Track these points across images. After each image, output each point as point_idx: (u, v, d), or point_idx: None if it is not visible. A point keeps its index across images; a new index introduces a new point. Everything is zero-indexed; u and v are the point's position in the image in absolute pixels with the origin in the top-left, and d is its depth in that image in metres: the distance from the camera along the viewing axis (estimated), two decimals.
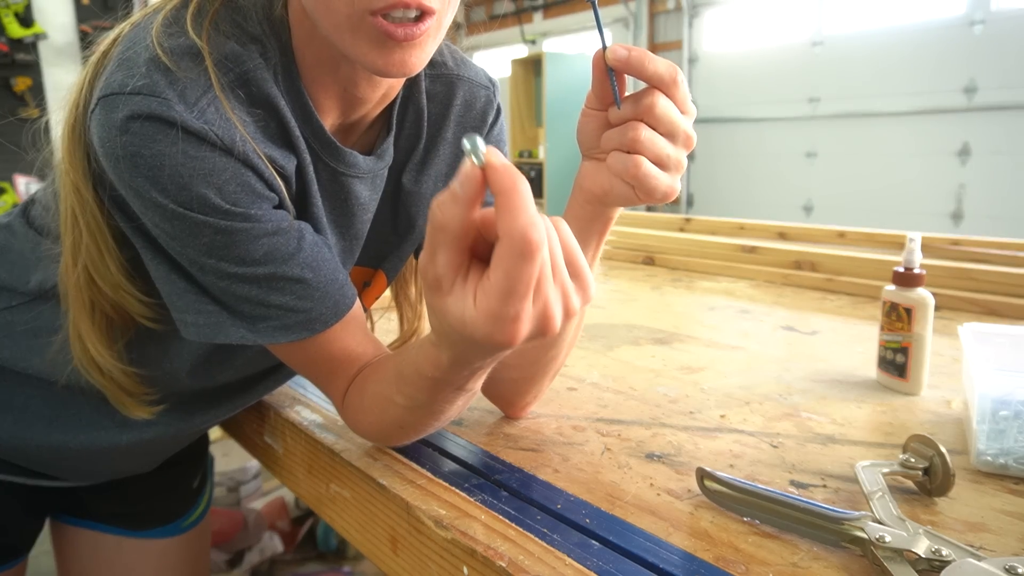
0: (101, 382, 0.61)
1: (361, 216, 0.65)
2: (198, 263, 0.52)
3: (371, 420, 0.60)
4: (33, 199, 0.68)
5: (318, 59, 0.56)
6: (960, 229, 4.69)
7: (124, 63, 0.49)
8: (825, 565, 0.46)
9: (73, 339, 0.59)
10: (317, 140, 0.58)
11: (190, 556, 0.91)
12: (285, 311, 0.54)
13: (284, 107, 0.55)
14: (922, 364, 0.76)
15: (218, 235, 0.50)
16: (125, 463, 0.75)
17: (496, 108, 0.72)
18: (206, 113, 0.49)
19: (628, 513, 0.53)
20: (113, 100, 0.48)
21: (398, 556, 0.59)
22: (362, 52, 0.49)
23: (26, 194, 3.33)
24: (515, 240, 0.35)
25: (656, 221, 2.02)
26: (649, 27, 6.61)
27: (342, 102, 0.59)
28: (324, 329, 0.56)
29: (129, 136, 0.48)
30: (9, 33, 3.46)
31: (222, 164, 0.50)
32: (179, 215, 0.49)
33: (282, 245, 0.53)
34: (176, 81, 0.49)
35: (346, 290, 0.58)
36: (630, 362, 0.90)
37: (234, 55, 0.52)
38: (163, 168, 0.48)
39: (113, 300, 0.58)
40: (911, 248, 0.77)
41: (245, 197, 0.51)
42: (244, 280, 0.53)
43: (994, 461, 0.58)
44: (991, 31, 4.44)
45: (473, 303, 0.38)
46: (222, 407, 0.73)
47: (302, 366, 0.60)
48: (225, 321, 0.54)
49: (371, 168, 0.63)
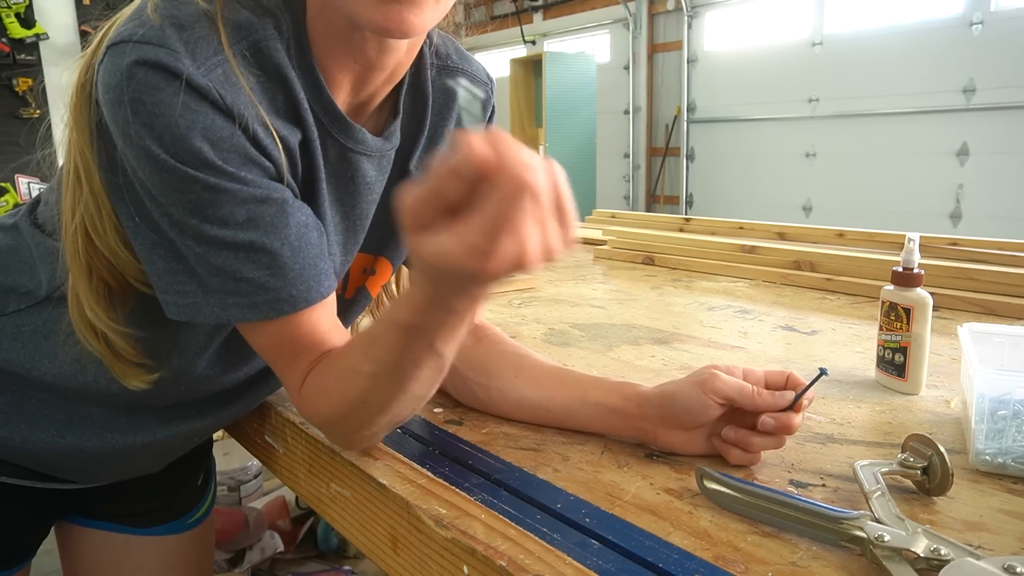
0: (98, 349, 0.60)
1: (366, 196, 0.65)
2: (179, 223, 0.52)
3: (332, 400, 0.56)
4: (39, 199, 0.68)
5: (330, 30, 0.56)
6: (959, 229, 4.70)
7: (137, 15, 0.50)
8: (824, 564, 0.46)
9: (72, 303, 0.59)
10: (327, 114, 0.59)
11: (196, 552, 0.91)
12: (255, 287, 0.53)
13: (294, 80, 0.55)
14: (921, 364, 0.77)
15: (205, 192, 0.50)
16: (136, 464, 0.76)
17: (492, 106, 0.73)
18: (212, 72, 0.50)
19: (628, 512, 0.54)
20: (122, 47, 0.49)
21: (398, 555, 0.59)
22: (362, 9, 0.49)
23: (27, 194, 3.33)
24: (508, 179, 0.36)
25: (656, 221, 2.02)
26: (649, 27, 6.62)
27: (353, 76, 0.60)
28: (292, 312, 0.55)
29: (133, 82, 0.48)
30: (10, 33, 3.47)
31: (220, 123, 0.50)
32: (170, 167, 0.49)
33: (267, 215, 0.53)
34: (188, 38, 0.49)
35: (323, 278, 0.57)
36: (630, 362, 0.90)
37: (248, 23, 0.53)
38: (161, 116, 0.48)
39: (110, 263, 0.58)
40: (910, 248, 0.77)
41: (238, 158, 0.51)
42: (222, 245, 0.52)
43: (993, 460, 0.59)
44: (990, 31, 4.44)
45: (457, 237, 0.38)
46: (232, 406, 0.73)
47: (264, 349, 0.58)
48: (200, 301, 0.54)
49: (379, 148, 0.64)
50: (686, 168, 6.45)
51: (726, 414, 0.61)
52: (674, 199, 6.62)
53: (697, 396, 0.60)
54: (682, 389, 0.61)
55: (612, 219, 2.20)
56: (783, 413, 0.58)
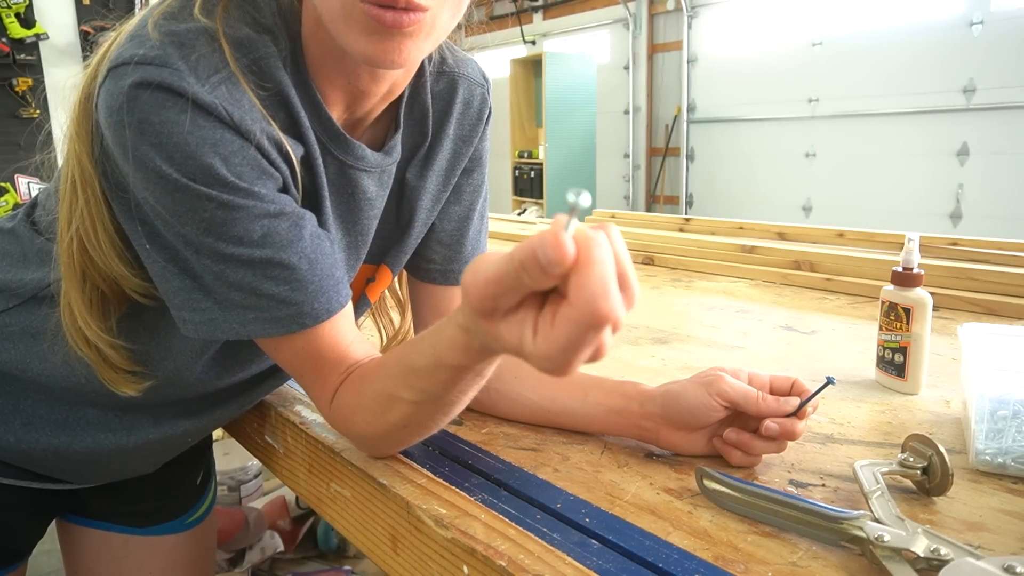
0: (88, 355, 0.60)
1: (368, 212, 0.65)
2: (194, 243, 0.51)
3: (369, 420, 0.57)
4: (36, 202, 0.68)
5: (324, 51, 0.56)
6: (959, 229, 4.70)
7: (136, 37, 0.50)
8: (824, 564, 0.46)
9: (64, 310, 0.58)
10: (326, 132, 0.58)
11: (196, 552, 0.91)
12: (276, 302, 0.53)
13: (294, 97, 0.55)
14: (921, 364, 0.77)
15: (219, 210, 0.50)
16: (131, 464, 0.75)
17: (489, 108, 0.73)
18: (217, 90, 0.49)
19: (628, 512, 0.54)
20: (123, 69, 0.48)
21: (398, 555, 0.59)
22: (353, 39, 0.49)
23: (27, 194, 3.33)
24: (584, 311, 0.36)
25: (656, 221, 2.02)
26: (649, 27, 6.62)
27: (347, 96, 0.59)
28: (314, 324, 0.55)
29: (137, 103, 0.47)
30: (10, 33, 3.46)
31: (229, 137, 0.50)
32: (182, 187, 0.49)
33: (282, 229, 0.53)
34: (189, 57, 0.49)
35: (341, 288, 0.57)
36: (630, 362, 0.90)
37: (249, 40, 0.53)
38: (170, 135, 0.48)
39: (105, 272, 0.57)
40: (910, 248, 0.77)
41: (250, 172, 0.51)
42: (239, 263, 0.52)
43: (992, 460, 0.59)
44: (990, 31, 4.44)
45: (532, 338, 0.39)
46: (227, 407, 0.73)
47: (289, 363, 0.59)
48: (218, 318, 0.54)
49: (379, 163, 0.63)
50: (686, 168, 6.45)
51: (728, 416, 0.61)
52: (674, 199, 6.62)
53: (702, 397, 0.60)
54: (687, 389, 0.61)
55: (612, 219, 2.20)
56: (787, 419, 0.58)
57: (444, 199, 0.72)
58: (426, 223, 0.72)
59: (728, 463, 0.61)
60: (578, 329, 0.36)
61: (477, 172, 0.73)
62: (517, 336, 0.39)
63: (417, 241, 0.73)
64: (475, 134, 0.71)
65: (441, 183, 0.71)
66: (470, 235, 0.74)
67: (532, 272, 0.36)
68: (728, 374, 0.61)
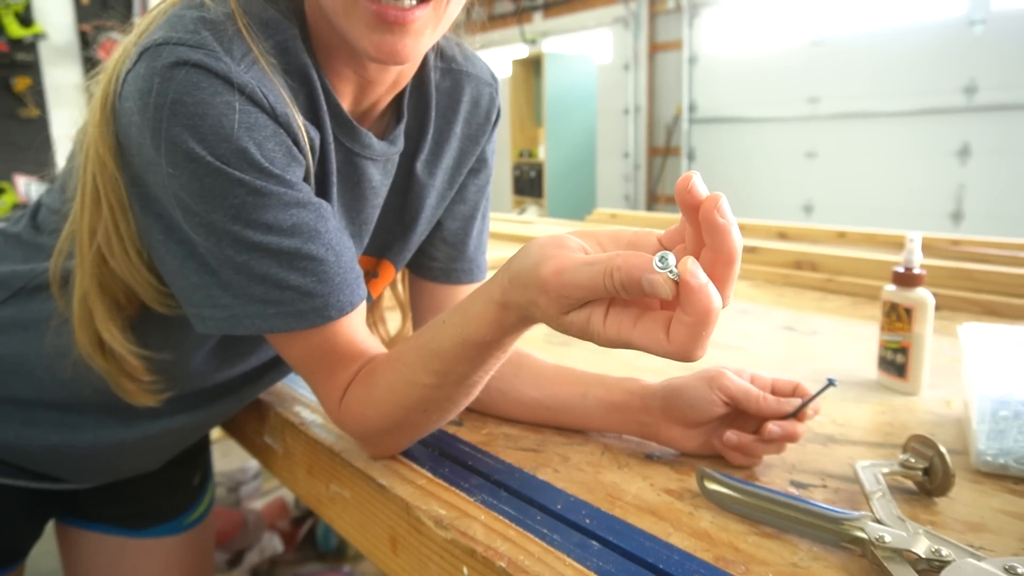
0: (104, 367, 0.59)
1: (372, 200, 0.65)
2: (219, 232, 0.50)
3: (384, 411, 0.56)
4: (40, 203, 0.68)
5: (330, 41, 0.56)
6: (960, 229, 4.69)
7: (170, 19, 0.49)
8: (825, 565, 0.46)
9: (80, 321, 0.57)
10: (335, 118, 0.58)
11: (194, 554, 0.91)
12: (301, 295, 0.52)
13: (316, 80, 0.55)
14: (922, 364, 0.76)
15: (250, 196, 0.49)
16: (130, 461, 0.75)
17: (498, 108, 0.73)
18: (251, 71, 0.49)
19: (628, 513, 0.53)
20: (157, 50, 0.47)
21: (398, 556, 0.59)
22: (356, 35, 0.49)
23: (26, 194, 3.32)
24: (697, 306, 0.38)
25: (656, 221, 2.02)
26: (649, 27, 6.62)
27: (355, 87, 0.60)
28: (338, 317, 0.54)
29: (173, 83, 0.47)
30: (9, 33, 3.46)
31: (263, 121, 0.49)
32: (214, 170, 0.48)
33: (310, 220, 0.52)
34: (223, 38, 0.48)
35: (360, 281, 0.57)
36: (630, 362, 0.90)
37: (274, 22, 0.53)
38: (206, 117, 0.47)
39: (123, 283, 0.57)
40: (911, 248, 0.77)
41: (282, 158, 0.50)
42: (265, 253, 0.51)
43: (994, 461, 0.58)
44: (991, 31, 4.44)
45: (602, 322, 0.43)
46: (227, 400, 0.73)
47: (302, 360, 0.58)
48: (239, 313, 0.53)
49: (384, 152, 0.63)
50: (686, 168, 6.45)
51: (729, 416, 0.61)
52: (674, 199, 6.62)
53: (703, 391, 0.60)
54: (688, 383, 0.61)
55: (612, 219, 2.20)
56: (787, 421, 0.58)
57: (449, 198, 0.72)
58: (430, 221, 0.72)
59: (728, 464, 0.60)
60: (696, 330, 0.39)
61: (483, 173, 0.74)
62: (585, 320, 0.43)
63: (421, 238, 0.73)
64: (483, 134, 0.71)
65: (447, 182, 0.71)
66: (473, 235, 0.74)
67: (632, 293, 0.40)
68: (731, 372, 0.61)
